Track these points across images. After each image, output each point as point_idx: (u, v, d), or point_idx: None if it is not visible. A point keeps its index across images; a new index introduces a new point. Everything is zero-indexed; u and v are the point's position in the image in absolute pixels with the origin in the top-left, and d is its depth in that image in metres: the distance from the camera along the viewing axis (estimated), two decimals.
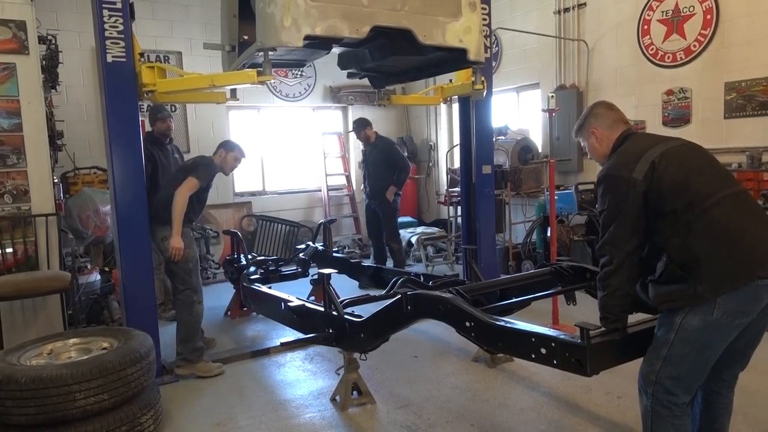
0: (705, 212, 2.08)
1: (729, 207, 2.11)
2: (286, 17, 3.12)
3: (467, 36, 3.67)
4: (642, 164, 2.16)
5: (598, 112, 2.49)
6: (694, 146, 2.30)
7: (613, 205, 2.21)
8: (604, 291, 2.24)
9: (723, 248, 2.05)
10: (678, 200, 2.10)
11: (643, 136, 2.47)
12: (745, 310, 2.06)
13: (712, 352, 2.13)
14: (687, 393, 2.18)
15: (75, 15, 6.80)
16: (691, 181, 2.13)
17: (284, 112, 8.81)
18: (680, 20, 5.67)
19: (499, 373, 3.89)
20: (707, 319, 2.06)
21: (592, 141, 2.49)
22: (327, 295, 3.49)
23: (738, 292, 2.03)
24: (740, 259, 2.04)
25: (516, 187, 6.88)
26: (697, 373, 2.17)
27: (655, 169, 2.14)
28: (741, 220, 2.11)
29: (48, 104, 5.08)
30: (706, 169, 2.20)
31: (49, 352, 3.17)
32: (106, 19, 3.66)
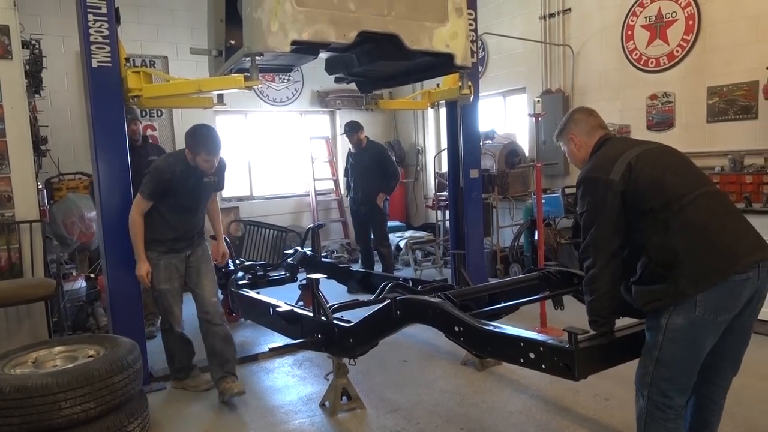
0: (682, 210, 2.12)
1: (705, 204, 2.15)
2: (273, 22, 3.12)
3: (454, 41, 3.69)
4: (618, 165, 2.21)
5: (577, 118, 2.53)
6: (668, 149, 2.37)
7: (592, 207, 2.25)
8: (592, 295, 2.26)
9: (700, 245, 2.09)
10: (656, 199, 2.14)
11: (619, 140, 2.53)
12: (726, 306, 2.09)
13: (700, 349, 2.15)
14: (681, 394, 2.20)
15: (59, 19, 6.73)
16: (668, 180, 2.18)
17: (272, 116, 8.79)
18: (663, 26, 5.75)
19: (488, 376, 3.90)
20: (690, 317, 2.08)
21: (571, 147, 2.54)
22: (316, 300, 3.49)
23: (716, 288, 2.06)
24: (717, 255, 2.08)
25: (503, 191, 6.92)
26: (689, 372, 2.18)
27: (632, 170, 2.19)
28: (717, 216, 2.15)
29: (32, 109, 5.02)
30: (681, 168, 2.26)
31: (34, 361, 3.12)
32: (91, 24, 3.63)
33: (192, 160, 3.54)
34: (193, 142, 3.51)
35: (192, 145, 3.51)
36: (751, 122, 5.12)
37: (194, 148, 3.50)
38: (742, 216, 2.25)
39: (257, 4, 3.12)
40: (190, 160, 3.55)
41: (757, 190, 4.63)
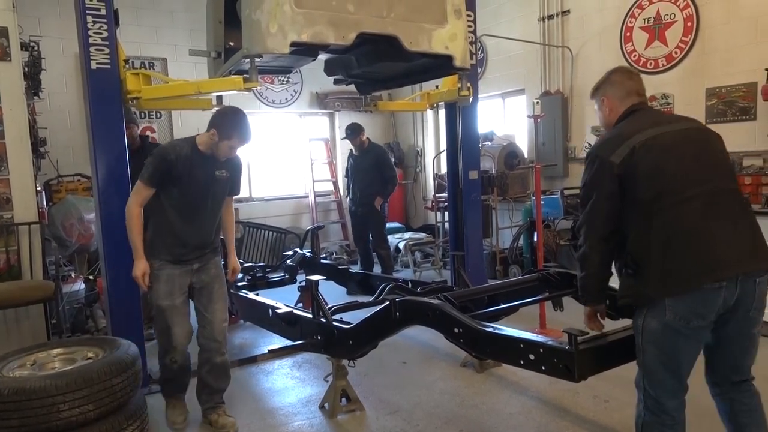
0: (671, 207, 2.03)
1: (699, 205, 2.03)
2: (273, 24, 3.12)
3: (453, 43, 3.70)
4: (623, 148, 2.11)
5: (614, 80, 2.38)
6: (692, 135, 2.20)
7: (589, 186, 2.20)
8: (582, 272, 2.24)
9: (674, 248, 2.00)
10: (648, 191, 2.06)
11: (646, 114, 2.31)
12: (698, 313, 2.01)
13: (678, 354, 2.08)
14: (672, 398, 2.15)
15: (58, 21, 6.73)
16: (667, 172, 2.07)
17: (271, 118, 8.79)
18: (662, 27, 5.76)
19: (488, 378, 3.90)
20: (662, 321, 2.04)
21: (603, 109, 2.40)
22: (315, 302, 3.48)
23: (685, 297, 2.00)
24: (688, 262, 1.99)
25: (502, 193, 6.92)
26: (673, 376, 2.12)
27: (634, 154, 2.09)
28: (706, 220, 2.02)
29: (30, 111, 5.02)
30: (691, 161, 2.10)
31: (33, 363, 3.11)
32: (90, 26, 3.63)
33: (212, 144, 3.07)
34: (226, 123, 3.06)
35: (223, 127, 3.04)
36: (749, 123, 5.13)
37: (225, 131, 3.04)
38: (746, 222, 2.09)
39: (256, 6, 3.13)
40: (206, 144, 3.09)
41: (756, 191, 4.64)
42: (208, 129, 3.11)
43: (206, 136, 3.14)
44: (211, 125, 3.11)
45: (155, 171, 3.05)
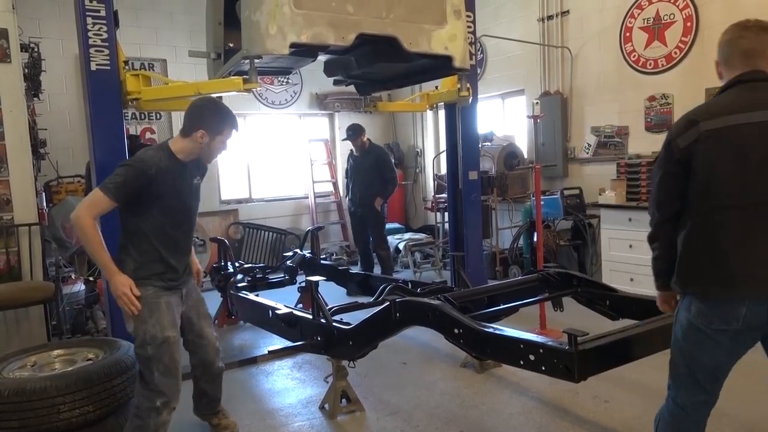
0: (715, 211, 1.90)
1: (746, 218, 1.87)
2: (272, 25, 3.13)
3: (452, 43, 3.70)
4: (692, 132, 1.92)
5: (726, 39, 2.13)
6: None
7: (658, 162, 2.07)
8: (651, 252, 2.13)
9: (697, 251, 1.94)
10: (698, 186, 1.93)
11: (741, 92, 1.98)
12: (718, 317, 1.92)
13: (699, 354, 2.00)
14: (686, 394, 2.07)
15: (58, 23, 6.74)
16: (723, 174, 1.88)
17: (270, 119, 8.79)
18: (661, 27, 5.76)
19: (488, 378, 3.90)
20: (689, 314, 1.97)
21: (717, 73, 2.16)
22: (315, 303, 3.49)
23: (704, 299, 1.94)
24: (705, 269, 1.92)
25: (502, 193, 6.92)
26: (690, 374, 2.03)
27: (697, 143, 1.90)
28: (748, 237, 1.87)
29: (30, 112, 5.02)
30: (754, 165, 1.86)
31: (33, 364, 3.12)
32: (89, 27, 3.64)
33: (200, 147, 2.73)
34: (212, 118, 2.73)
35: (211, 123, 2.71)
36: None
37: (215, 126, 2.72)
38: None
39: (256, 7, 3.14)
40: (188, 151, 2.72)
41: None
42: (190, 131, 2.70)
43: (189, 142, 2.72)
44: (194, 125, 2.70)
45: (126, 184, 2.53)
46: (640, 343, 2.35)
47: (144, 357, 2.61)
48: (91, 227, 2.49)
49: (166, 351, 2.62)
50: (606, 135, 6.33)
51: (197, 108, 2.81)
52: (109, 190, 2.51)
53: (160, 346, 2.61)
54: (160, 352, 2.61)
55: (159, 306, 2.66)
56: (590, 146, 6.48)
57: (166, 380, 2.63)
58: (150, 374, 2.60)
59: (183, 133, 2.77)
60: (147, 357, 2.60)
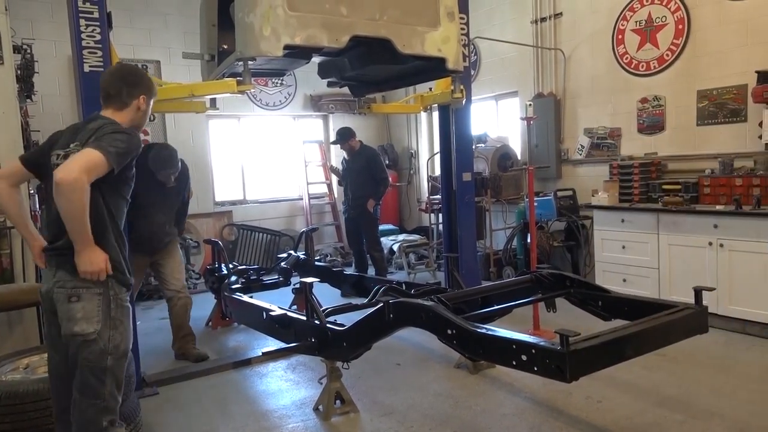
0: None
1: None
2: (266, 27, 3.13)
3: (446, 45, 3.72)
4: None
5: None
6: None
7: None
8: None
9: None
10: None
11: None
12: None
13: None
14: None
15: (51, 24, 6.72)
16: None
17: (265, 120, 8.78)
18: (653, 30, 5.80)
19: (481, 379, 3.91)
20: None
21: None
22: (309, 304, 3.49)
23: None
24: None
25: (496, 194, 6.94)
26: None
27: None
28: None
29: (23, 114, 5.00)
30: None
31: (26, 367, 3.11)
32: (83, 29, 3.62)
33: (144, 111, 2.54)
34: (148, 80, 2.61)
35: (150, 85, 2.60)
36: (740, 125, 5.17)
37: (152, 87, 2.62)
38: None
39: (250, 9, 3.14)
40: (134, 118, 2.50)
41: (746, 192, 4.67)
42: (129, 100, 2.45)
43: (130, 113, 2.47)
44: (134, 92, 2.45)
45: (128, 154, 2.27)
46: (631, 343, 2.36)
47: (99, 367, 2.24)
48: (87, 194, 2.13)
49: (122, 366, 2.33)
50: (599, 136, 6.36)
51: (130, 74, 2.52)
52: (110, 154, 2.16)
53: (120, 359, 2.30)
54: (118, 365, 2.30)
55: (129, 312, 2.38)
56: (583, 148, 6.51)
57: (117, 395, 2.32)
58: (102, 386, 2.25)
59: (119, 106, 2.43)
60: (103, 368, 2.24)
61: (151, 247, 4.53)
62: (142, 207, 4.15)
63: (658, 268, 5.11)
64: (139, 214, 4.13)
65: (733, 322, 4.61)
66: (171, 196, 4.64)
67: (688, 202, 5.02)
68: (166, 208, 4.59)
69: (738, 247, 4.52)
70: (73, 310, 2.21)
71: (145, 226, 4.36)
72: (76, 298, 2.22)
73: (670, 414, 3.25)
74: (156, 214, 4.48)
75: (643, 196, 5.49)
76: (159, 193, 4.50)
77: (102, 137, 2.21)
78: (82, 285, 2.23)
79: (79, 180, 2.07)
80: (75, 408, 2.26)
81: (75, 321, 2.20)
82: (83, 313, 2.22)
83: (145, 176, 4.18)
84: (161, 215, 4.53)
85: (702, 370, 3.88)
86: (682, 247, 4.92)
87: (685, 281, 4.73)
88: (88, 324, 2.21)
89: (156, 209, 4.47)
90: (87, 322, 2.21)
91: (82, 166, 2.10)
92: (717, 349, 4.25)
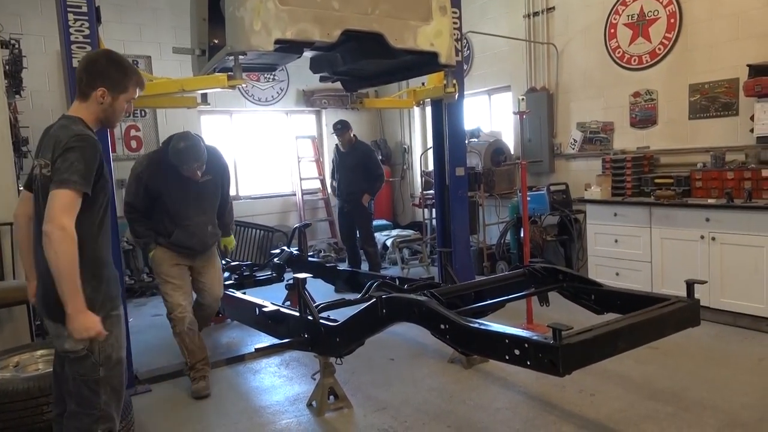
0: None
1: None
2: (256, 21, 3.10)
3: (438, 39, 3.70)
4: None
5: None
6: None
7: None
8: None
9: None
10: None
11: None
12: None
13: None
14: None
15: (39, 19, 6.65)
16: None
17: (257, 116, 8.74)
18: (645, 24, 5.80)
19: (475, 373, 3.92)
20: None
21: None
22: (302, 300, 3.48)
23: None
24: None
25: (489, 189, 6.95)
26: None
27: None
28: None
29: (12, 110, 4.95)
30: None
31: (16, 365, 3.08)
32: (71, 23, 3.59)
33: (104, 105, 2.29)
34: (119, 72, 2.32)
35: (117, 78, 2.31)
36: (731, 119, 5.18)
37: (122, 81, 2.32)
38: None
39: (240, 3, 3.11)
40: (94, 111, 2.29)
41: (738, 186, 4.69)
42: (88, 91, 2.26)
43: (91, 105, 2.28)
44: (92, 83, 2.25)
45: (91, 169, 2.11)
46: (624, 336, 2.36)
47: (92, 379, 2.16)
48: (75, 243, 2.01)
49: (118, 373, 2.25)
50: (591, 131, 6.37)
51: (93, 62, 2.31)
52: (76, 183, 2.03)
53: (113, 368, 2.22)
54: (112, 374, 2.22)
55: (119, 320, 2.28)
56: (576, 142, 6.52)
57: (114, 403, 2.24)
58: (96, 397, 2.18)
59: (81, 97, 2.28)
60: (95, 379, 2.16)
61: (194, 253, 4.02)
62: (176, 213, 3.88)
63: (651, 261, 5.13)
64: (174, 222, 3.88)
65: (724, 314, 4.64)
66: (207, 191, 4.03)
67: (680, 196, 5.04)
68: (203, 207, 4.01)
69: (729, 241, 4.54)
70: (61, 328, 2.10)
71: (183, 234, 3.89)
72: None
73: (662, 406, 3.27)
74: (193, 216, 3.93)
75: (635, 190, 5.51)
76: (191, 191, 3.92)
77: (58, 168, 2.04)
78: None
79: (64, 228, 1.97)
80: (71, 418, 2.20)
81: (64, 338, 2.12)
82: (67, 333, 2.09)
83: (170, 176, 3.83)
84: (200, 216, 3.97)
85: (694, 363, 3.91)
86: (674, 240, 4.94)
87: (677, 274, 4.74)
88: (76, 341, 2.11)
89: (192, 210, 3.93)
90: (67, 339, 2.11)
91: (60, 212, 1.99)
92: (709, 342, 4.28)
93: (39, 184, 2.18)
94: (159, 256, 3.92)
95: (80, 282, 2.03)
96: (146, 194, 3.86)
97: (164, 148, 3.89)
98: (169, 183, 3.85)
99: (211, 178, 3.99)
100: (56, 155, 2.08)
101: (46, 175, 2.11)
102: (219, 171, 4.11)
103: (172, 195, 3.87)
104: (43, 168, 2.15)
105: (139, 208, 3.90)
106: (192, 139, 3.82)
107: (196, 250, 4.00)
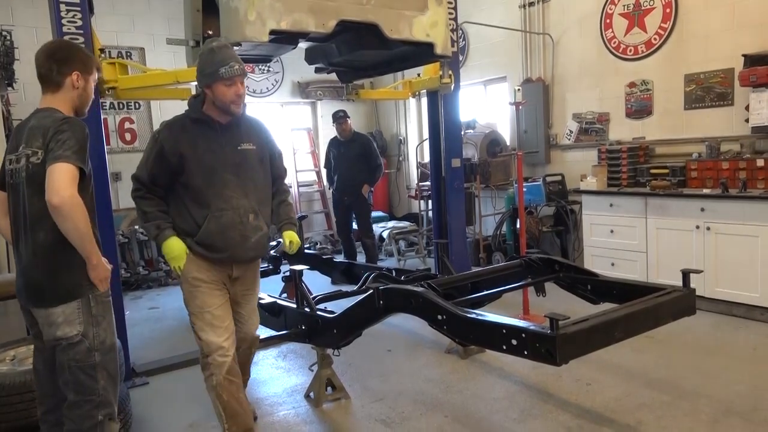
0: None
1: None
2: (251, 12, 3.08)
3: (434, 30, 3.69)
4: None
5: None
6: None
7: None
8: None
9: None
10: None
11: None
12: None
13: None
14: None
15: (31, 10, 6.58)
16: None
17: (252, 108, 8.68)
18: (641, 14, 5.79)
19: (472, 363, 3.94)
20: None
21: None
22: (299, 292, 3.48)
23: None
24: None
25: (485, 180, 6.95)
26: None
27: None
28: None
29: (5, 102, 4.91)
30: None
31: (12, 358, 3.08)
32: (63, 14, 3.55)
33: (78, 89, 2.32)
34: (84, 54, 2.38)
35: (86, 60, 2.35)
36: (727, 109, 5.19)
37: (89, 62, 2.37)
38: None
39: None
40: (71, 98, 2.31)
41: (733, 175, 4.70)
42: (61, 79, 2.26)
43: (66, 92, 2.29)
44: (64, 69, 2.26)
45: (84, 146, 2.15)
46: (620, 326, 2.37)
47: (89, 364, 2.20)
48: (84, 207, 2.06)
49: (112, 358, 2.29)
50: (587, 121, 6.37)
51: (59, 49, 2.31)
52: (71, 158, 2.06)
53: (108, 353, 2.26)
54: (107, 359, 2.26)
55: (110, 306, 2.31)
56: (572, 133, 6.52)
57: (112, 389, 2.28)
58: (94, 382, 2.21)
59: (53, 88, 2.26)
60: (92, 364, 2.20)
61: (229, 259, 2.73)
62: (206, 192, 2.63)
63: (646, 251, 5.15)
64: (202, 206, 2.64)
65: (719, 304, 4.67)
66: (249, 162, 2.75)
67: (676, 186, 5.05)
68: (245, 184, 2.71)
69: (724, 230, 4.56)
70: (54, 315, 2.14)
71: (216, 226, 2.64)
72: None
73: (658, 395, 3.29)
74: (231, 197, 2.66)
75: (631, 180, 5.52)
76: (228, 156, 2.68)
77: (52, 149, 2.07)
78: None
79: (74, 196, 2.02)
80: (71, 408, 2.21)
81: (57, 326, 2.15)
82: (64, 317, 2.15)
83: (198, 133, 2.67)
84: (241, 198, 2.69)
85: (689, 352, 3.93)
86: (669, 230, 4.96)
87: (672, 264, 4.76)
88: (70, 327, 2.15)
89: (229, 189, 2.66)
90: (69, 325, 2.16)
91: (66, 183, 2.02)
92: (704, 331, 4.30)
93: (24, 175, 2.17)
94: (187, 269, 2.69)
95: (87, 252, 2.11)
96: (160, 160, 2.62)
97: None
98: (196, 143, 2.63)
99: (254, 148, 2.78)
100: (48, 139, 2.10)
101: (36, 163, 2.14)
102: (262, 139, 2.88)
103: (201, 161, 2.61)
104: (31, 156, 2.15)
105: (145, 181, 2.67)
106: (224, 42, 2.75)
107: (236, 252, 2.70)
